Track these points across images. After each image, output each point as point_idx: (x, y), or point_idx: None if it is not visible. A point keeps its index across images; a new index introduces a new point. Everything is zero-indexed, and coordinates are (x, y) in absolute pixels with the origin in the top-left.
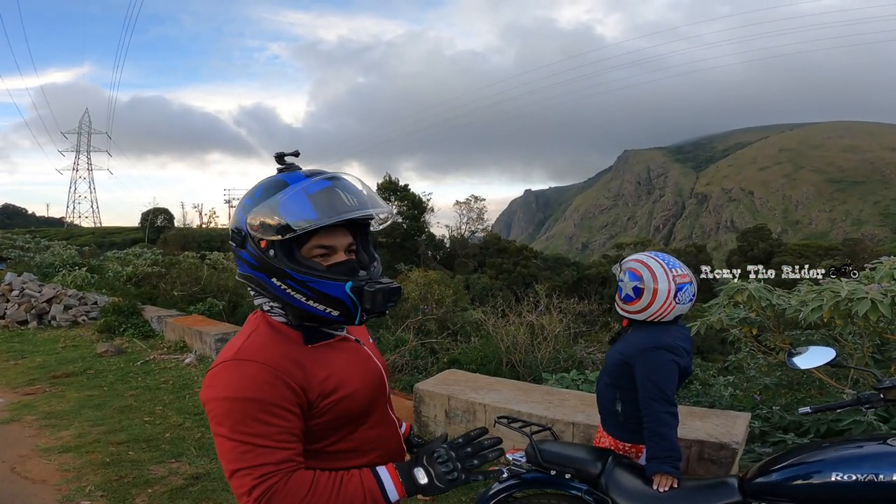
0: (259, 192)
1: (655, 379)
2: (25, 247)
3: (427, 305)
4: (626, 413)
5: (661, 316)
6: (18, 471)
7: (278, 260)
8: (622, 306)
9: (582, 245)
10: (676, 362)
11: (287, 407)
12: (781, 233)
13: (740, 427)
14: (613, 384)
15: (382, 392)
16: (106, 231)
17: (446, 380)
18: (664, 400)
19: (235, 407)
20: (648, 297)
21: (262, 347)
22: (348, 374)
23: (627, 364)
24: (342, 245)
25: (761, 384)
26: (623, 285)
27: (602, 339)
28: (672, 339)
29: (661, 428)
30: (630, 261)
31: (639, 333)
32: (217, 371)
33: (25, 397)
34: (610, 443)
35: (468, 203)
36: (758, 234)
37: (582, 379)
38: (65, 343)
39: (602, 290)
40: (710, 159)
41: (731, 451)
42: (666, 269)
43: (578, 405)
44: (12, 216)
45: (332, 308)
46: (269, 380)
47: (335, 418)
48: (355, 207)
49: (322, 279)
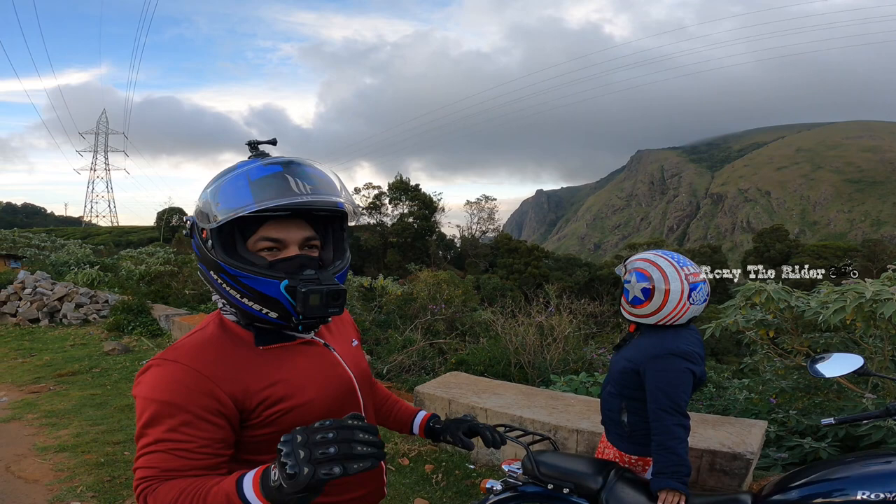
0: (213, 179)
1: (667, 388)
2: (41, 245)
3: (436, 305)
4: (632, 424)
5: (674, 319)
6: (13, 470)
7: (214, 252)
8: (630, 310)
9: (594, 245)
10: (691, 370)
11: (203, 416)
12: (799, 234)
13: (756, 436)
14: (619, 393)
15: (353, 404)
16: (123, 230)
17: (448, 382)
18: (676, 411)
19: (150, 407)
20: (660, 299)
21: (197, 348)
22: (303, 382)
23: (636, 372)
24: (295, 239)
25: (777, 387)
26: (630, 287)
27: (613, 341)
28: (686, 345)
29: (671, 441)
30: (636, 260)
31: (648, 338)
32: (146, 368)
33: (30, 395)
34: (614, 455)
35: (479, 203)
36: (775, 234)
37: (591, 381)
38: (73, 341)
39: (614, 290)
40: (726, 159)
41: (746, 461)
42: (677, 267)
43: (584, 411)
44: (31, 215)
45: (269, 309)
46: (187, 384)
47: (280, 430)
48: (301, 195)
49: (255, 275)
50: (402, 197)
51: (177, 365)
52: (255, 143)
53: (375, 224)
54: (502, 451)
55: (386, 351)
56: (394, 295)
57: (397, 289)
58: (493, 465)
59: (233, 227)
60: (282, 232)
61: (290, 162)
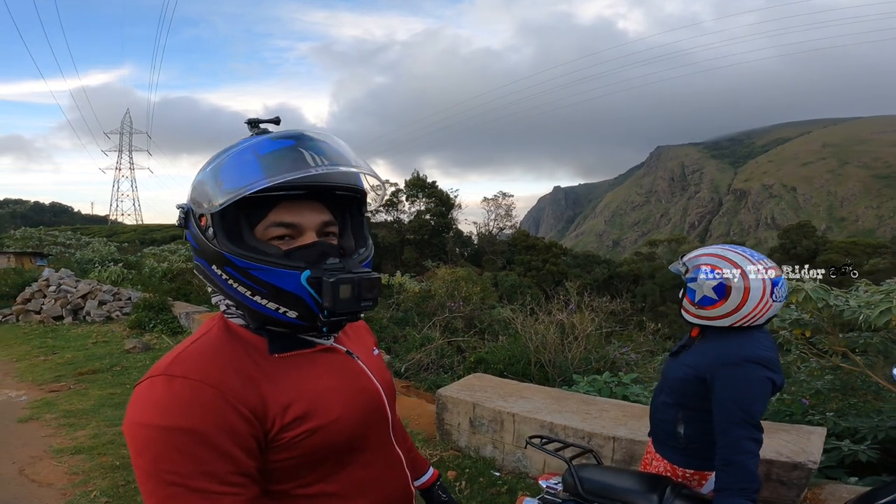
0: (211, 158)
1: (742, 400)
2: (67, 243)
3: (454, 303)
4: (689, 436)
5: (754, 319)
6: (27, 473)
7: (217, 241)
8: (696, 312)
9: (613, 242)
10: (771, 379)
11: (235, 440)
12: (826, 230)
13: (816, 444)
14: (677, 403)
15: (381, 421)
16: (147, 228)
17: (472, 385)
18: (750, 425)
19: (158, 437)
20: (738, 298)
21: (203, 358)
22: (328, 398)
23: (700, 380)
24: (312, 224)
25: (812, 388)
26: (698, 286)
27: (636, 340)
28: (763, 349)
29: (740, 455)
30: (701, 255)
31: (717, 343)
32: (144, 387)
33: (49, 394)
34: (665, 468)
35: (496, 200)
36: (801, 231)
37: (616, 381)
38: (96, 339)
39: (634, 288)
40: (749, 155)
41: (806, 471)
42: (753, 260)
43: (619, 416)
44: (59, 214)
45: (288, 307)
46: (208, 403)
47: (305, 454)
48: (318, 166)
49: (269, 266)
50: (419, 194)
51: (185, 381)
52: (256, 121)
53: (392, 221)
54: (533, 461)
55: (404, 349)
56: (411, 292)
57: (415, 286)
58: (519, 473)
59: (237, 212)
60: (296, 215)
61: (303, 135)
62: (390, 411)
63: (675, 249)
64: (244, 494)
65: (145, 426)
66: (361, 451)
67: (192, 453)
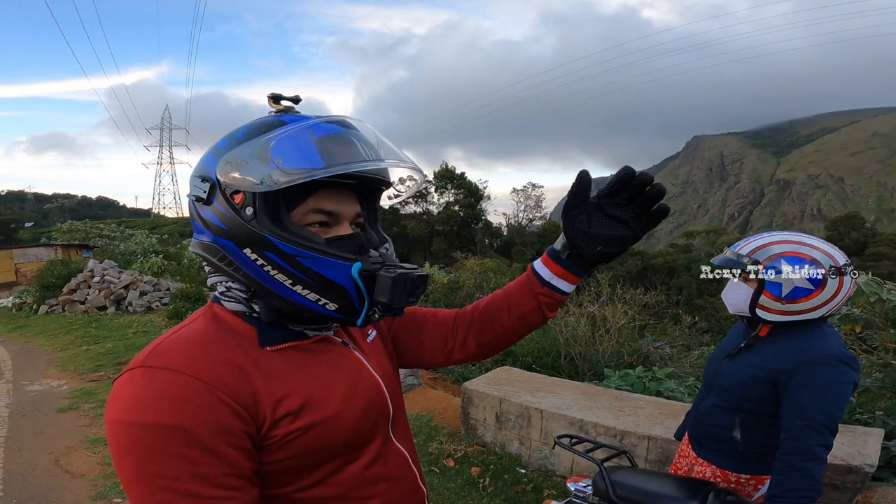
0: (243, 132)
1: (824, 402)
2: (111, 236)
3: (482, 294)
4: (747, 441)
5: (839, 307)
6: (61, 464)
7: (258, 223)
8: (784, 308)
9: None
10: (854, 382)
11: (227, 439)
12: (875, 222)
13: (873, 446)
14: (736, 407)
15: (383, 416)
16: (186, 221)
17: (499, 378)
18: (829, 430)
19: (142, 436)
20: (835, 285)
21: (189, 349)
22: (323, 391)
23: (770, 382)
24: (349, 214)
25: (861, 387)
26: (783, 280)
27: (671, 333)
28: (846, 348)
29: (808, 462)
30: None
31: (794, 341)
32: (123, 380)
33: (89, 384)
34: (713, 474)
35: (526, 191)
36: (849, 222)
37: (649, 377)
38: (136, 329)
39: (669, 280)
40: (793, 144)
41: (862, 475)
42: (827, 244)
43: (655, 414)
44: (105, 208)
45: (329, 299)
46: (195, 398)
47: (301, 455)
48: (371, 160)
49: (321, 255)
50: (448, 185)
51: (167, 373)
52: (278, 96)
53: (422, 212)
54: (561, 459)
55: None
56: (440, 283)
57: (443, 277)
58: (546, 471)
59: (277, 194)
60: (335, 204)
61: (347, 123)
62: (393, 406)
63: (713, 241)
64: (241, 498)
65: (126, 424)
66: (363, 449)
67: (181, 454)
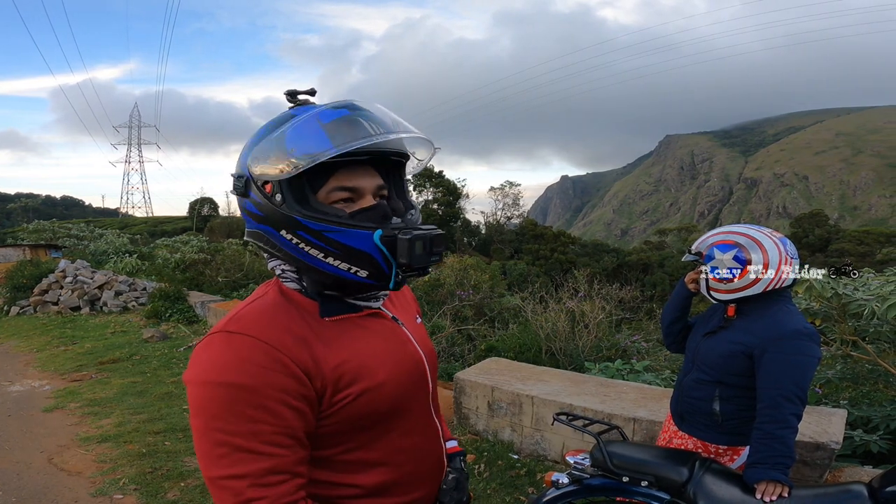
0: (264, 130)
1: (794, 373)
2: (80, 235)
3: (463, 291)
4: (725, 412)
5: (781, 280)
6: (55, 462)
7: (287, 206)
8: (727, 287)
9: (621, 231)
10: (818, 356)
11: (285, 399)
12: (838, 219)
13: (837, 425)
14: (717, 380)
15: (422, 389)
16: (157, 220)
17: (489, 369)
18: (799, 399)
19: (216, 394)
20: (760, 260)
21: (261, 317)
22: (374, 361)
23: (747, 356)
24: (370, 187)
25: (823, 378)
26: (717, 263)
27: (646, 327)
28: (809, 324)
29: (782, 430)
30: (709, 238)
31: (765, 317)
32: (203, 345)
33: (72, 384)
34: (694, 445)
35: (503, 189)
36: (813, 219)
37: (628, 369)
38: (114, 328)
39: (644, 276)
40: (760, 144)
41: (829, 451)
42: (754, 228)
43: (638, 398)
44: (70, 207)
45: (359, 267)
46: (263, 361)
47: (349, 419)
48: (379, 134)
49: (344, 227)
50: (427, 184)
51: (244, 338)
52: (294, 92)
53: None
54: (552, 444)
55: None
56: (421, 280)
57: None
58: (538, 455)
59: (300, 178)
60: (355, 180)
61: (354, 105)
62: (431, 381)
63: (685, 238)
64: (290, 457)
65: (201, 384)
66: (402, 419)
67: (242, 412)
